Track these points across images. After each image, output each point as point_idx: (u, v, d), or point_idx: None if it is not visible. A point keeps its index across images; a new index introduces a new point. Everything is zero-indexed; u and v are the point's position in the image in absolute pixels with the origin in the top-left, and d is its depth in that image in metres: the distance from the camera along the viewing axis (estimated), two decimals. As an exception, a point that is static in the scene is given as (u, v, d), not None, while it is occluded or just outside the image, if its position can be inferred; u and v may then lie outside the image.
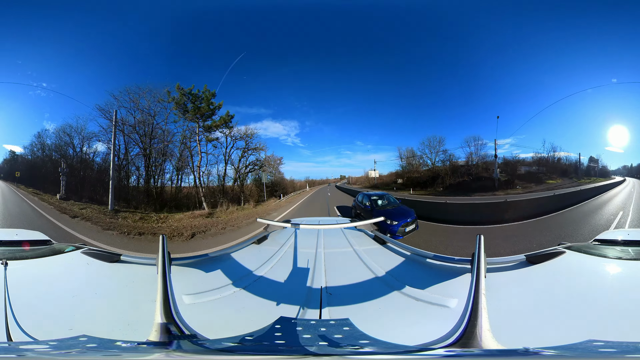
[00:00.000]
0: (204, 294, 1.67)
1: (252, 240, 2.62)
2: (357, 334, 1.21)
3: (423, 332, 1.24)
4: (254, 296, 1.64)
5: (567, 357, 1.02)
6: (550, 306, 1.47)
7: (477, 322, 1.08)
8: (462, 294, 1.30)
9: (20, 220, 10.14)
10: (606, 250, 2.02)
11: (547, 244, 2.53)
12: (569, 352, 1.04)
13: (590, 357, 1.03)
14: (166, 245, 1.42)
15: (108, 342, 1.17)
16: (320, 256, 2.22)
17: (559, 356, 1.01)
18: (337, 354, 1.05)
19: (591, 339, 1.10)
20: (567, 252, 1.97)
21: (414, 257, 2.17)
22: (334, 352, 1.05)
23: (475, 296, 1.14)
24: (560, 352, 1.02)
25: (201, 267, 2.03)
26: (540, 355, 1.01)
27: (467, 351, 1.04)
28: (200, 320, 1.34)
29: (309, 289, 1.70)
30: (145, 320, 1.25)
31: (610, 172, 14.77)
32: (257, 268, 2.01)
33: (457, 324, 1.14)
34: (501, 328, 1.11)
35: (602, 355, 1.02)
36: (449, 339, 1.09)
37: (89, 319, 1.45)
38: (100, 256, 2.17)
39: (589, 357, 1.03)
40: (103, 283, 1.91)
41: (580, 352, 1.05)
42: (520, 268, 1.85)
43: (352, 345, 1.09)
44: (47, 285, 1.83)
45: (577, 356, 1.03)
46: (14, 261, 1.92)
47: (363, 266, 2.05)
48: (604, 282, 1.78)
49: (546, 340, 1.18)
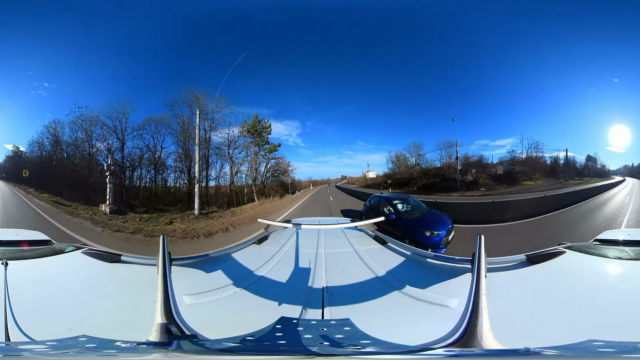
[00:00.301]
0: (204, 294, 1.67)
1: (252, 241, 2.62)
2: (358, 334, 1.21)
3: (424, 332, 1.24)
4: (254, 296, 1.64)
5: (567, 357, 1.02)
6: (551, 306, 1.47)
7: (477, 321, 1.08)
8: (462, 294, 1.30)
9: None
10: (606, 250, 2.02)
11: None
12: (569, 352, 1.04)
13: (590, 357, 1.03)
14: (167, 246, 1.42)
15: (107, 342, 1.17)
16: (320, 256, 2.22)
17: (559, 356, 1.01)
18: (341, 354, 1.05)
19: (591, 339, 1.11)
20: (567, 252, 1.98)
21: (414, 257, 2.17)
22: (337, 352, 1.05)
23: (476, 296, 1.14)
24: (561, 352, 1.02)
25: (202, 267, 2.03)
26: (541, 355, 1.01)
27: (468, 351, 1.04)
28: (200, 321, 1.34)
29: (309, 289, 1.70)
30: (145, 320, 1.25)
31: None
32: (258, 268, 2.01)
33: (457, 324, 1.14)
34: (501, 328, 1.12)
35: (602, 355, 1.02)
36: (450, 339, 1.09)
37: (89, 319, 1.45)
38: (101, 256, 2.17)
39: (589, 357, 1.03)
40: (103, 283, 1.91)
41: (580, 352, 1.05)
42: (520, 268, 1.85)
43: (354, 346, 1.09)
44: (47, 286, 1.83)
45: (577, 356, 1.03)
46: (14, 261, 1.92)
47: (363, 266, 2.05)
48: (604, 282, 1.78)
49: (546, 340, 1.18)
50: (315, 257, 2.21)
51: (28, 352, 1.11)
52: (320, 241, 2.60)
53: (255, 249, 2.49)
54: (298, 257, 2.22)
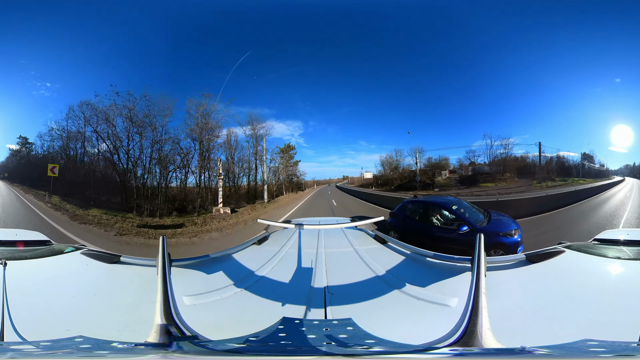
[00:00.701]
0: (204, 295, 1.66)
1: (253, 241, 2.62)
2: (361, 333, 1.21)
3: (424, 331, 1.24)
4: (255, 297, 1.64)
5: (560, 357, 1.02)
6: (550, 305, 1.47)
7: (477, 321, 1.08)
8: (462, 293, 1.30)
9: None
10: (605, 249, 2.02)
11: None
12: (563, 351, 1.05)
13: (581, 356, 1.04)
14: (166, 246, 1.41)
15: (104, 343, 1.16)
16: (321, 256, 2.22)
17: (551, 355, 1.01)
18: (350, 353, 1.04)
19: (586, 339, 1.11)
20: (566, 251, 1.98)
21: (414, 257, 2.17)
22: (346, 352, 1.05)
23: (476, 295, 1.14)
24: (553, 352, 1.02)
25: (202, 268, 2.03)
26: (535, 354, 1.01)
27: (468, 350, 1.04)
28: (201, 321, 1.34)
29: (310, 290, 1.70)
30: (144, 321, 1.25)
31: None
32: (258, 269, 2.01)
33: (458, 323, 1.14)
34: (501, 327, 1.12)
35: (593, 354, 1.03)
36: (452, 338, 1.09)
37: (87, 320, 1.45)
38: (100, 257, 2.16)
39: (581, 357, 1.04)
40: (102, 284, 1.91)
41: (573, 352, 1.06)
42: (519, 267, 1.85)
43: (360, 345, 1.09)
44: (46, 286, 1.82)
45: (569, 355, 1.04)
46: (13, 261, 1.91)
47: (364, 266, 2.05)
48: (603, 282, 1.79)
49: (544, 339, 1.18)
50: (316, 257, 2.21)
51: (16, 352, 1.09)
52: (321, 241, 2.60)
53: (256, 250, 2.49)
54: (299, 258, 2.22)
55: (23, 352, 1.10)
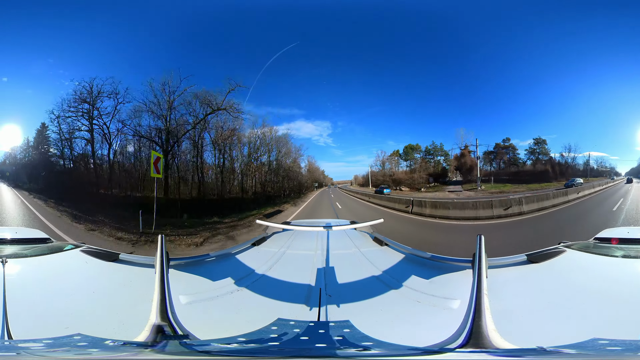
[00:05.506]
0: (201, 295, 1.66)
1: (251, 242, 2.62)
2: (357, 335, 1.19)
3: (424, 333, 1.23)
4: (252, 297, 1.63)
5: (577, 357, 1.01)
6: (552, 305, 1.46)
7: (480, 322, 1.07)
8: (463, 294, 1.29)
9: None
10: (607, 248, 2.01)
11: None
12: (578, 351, 1.03)
13: (600, 356, 1.03)
14: (164, 245, 1.41)
15: (98, 341, 1.16)
16: (319, 257, 2.21)
17: (571, 355, 1.00)
18: (336, 356, 1.03)
19: (595, 338, 1.10)
20: (567, 250, 1.97)
21: (413, 258, 2.16)
22: (333, 355, 1.04)
23: (478, 296, 1.13)
24: (575, 352, 1.01)
25: (200, 267, 2.02)
26: (556, 353, 1.00)
27: (474, 351, 1.03)
28: (196, 321, 1.33)
29: (308, 291, 1.69)
30: (140, 320, 1.24)
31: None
32: (256, 269, 2.00)
33: (462, 325, 1.12)
34: (506, 327, 1.11)
35: (608, 353, 1.02)
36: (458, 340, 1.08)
37: (85, 318, 1.44)
38: (99, 255, 2.15)
39: (599, 357, 1.02)
40: (101, 282, 1.90)
41: (588, 350, 1.05)
42: (520, 267, 1.84)
43: (355, 347, 1.08)
44: (45, 284, 1.82)
45: (587, 355, 1.02)
46: (12, 259, 1.91)
47: (362, 267, 2.04)
48: (605, 281, 1.77)
49: (554, 340, 1.16)
50: (314, 258, 2.20)
51: (16, 350, 1.10)
52: (319, 242, 2.59)
53: (254, 250, 2.49)
54: (296, 259, 2.21)
55: (23, 349, 1.10)
